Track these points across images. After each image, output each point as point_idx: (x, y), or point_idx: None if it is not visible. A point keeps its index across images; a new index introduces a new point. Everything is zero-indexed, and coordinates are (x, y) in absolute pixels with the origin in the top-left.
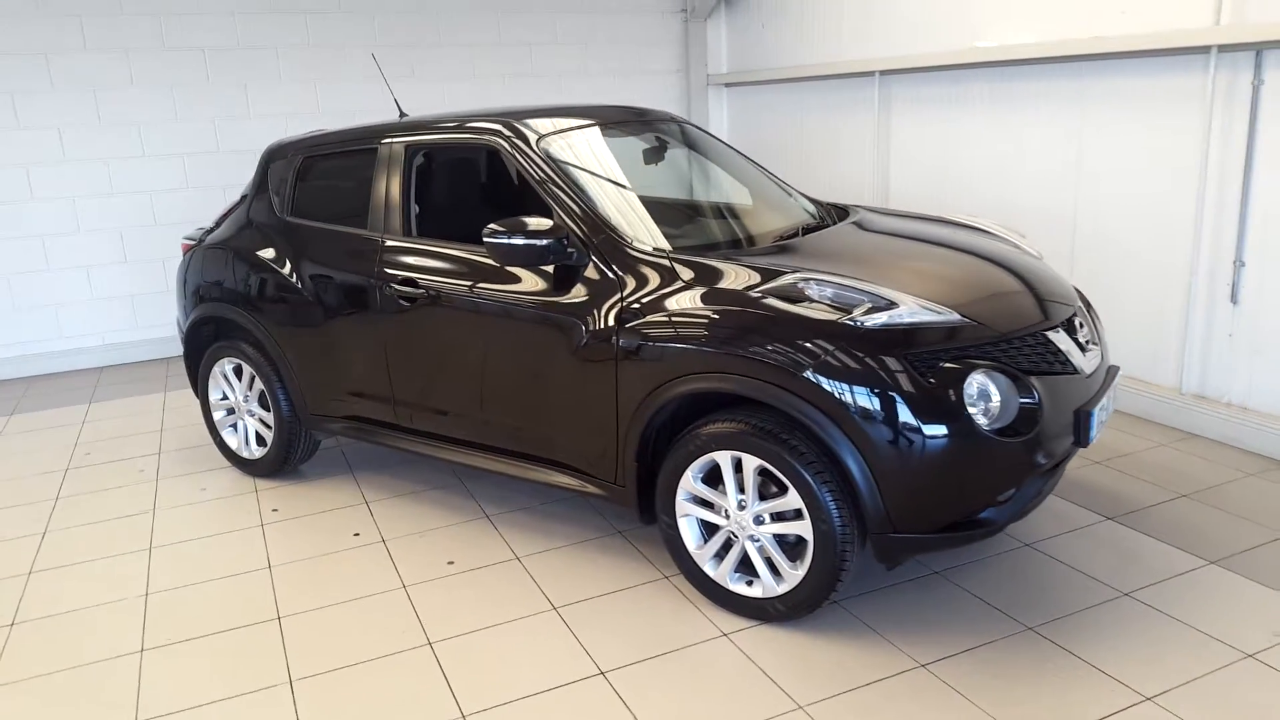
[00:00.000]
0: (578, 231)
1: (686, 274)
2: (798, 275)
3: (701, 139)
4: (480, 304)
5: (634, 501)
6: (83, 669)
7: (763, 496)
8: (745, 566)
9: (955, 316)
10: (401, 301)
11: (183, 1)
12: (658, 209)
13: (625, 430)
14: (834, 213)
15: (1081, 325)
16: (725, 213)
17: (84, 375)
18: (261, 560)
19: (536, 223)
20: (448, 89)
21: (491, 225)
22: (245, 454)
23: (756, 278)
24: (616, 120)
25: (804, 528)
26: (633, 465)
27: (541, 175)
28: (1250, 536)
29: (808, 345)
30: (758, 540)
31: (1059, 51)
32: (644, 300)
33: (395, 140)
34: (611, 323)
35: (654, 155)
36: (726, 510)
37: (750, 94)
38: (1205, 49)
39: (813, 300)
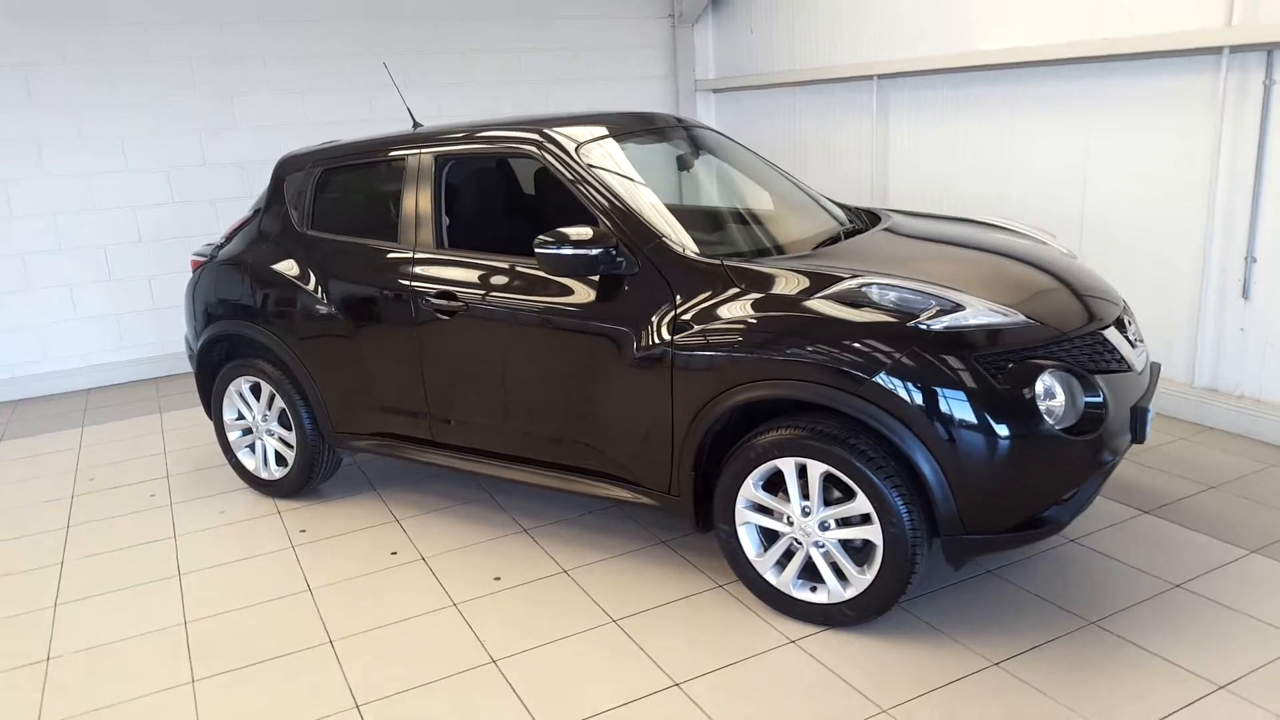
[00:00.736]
0: (627, 240)
1: (741, 281)
2: (859, 280)
3: (718, 141)
4: (523, 315)
5: (691, 511)
6: (135, 703)
7: (826, 502)
8: (807, 572)
9: (1020, 318)
10: (440, 315)
11: (168, 11)
12: (691, 215)
13: (681, 440)
14: (863, 216)
15: (1130, 323)
16: (756, 218)
17: (71, 398)
18: (299, 583)
19: (582, 232)
20: (439, 96)
21: (541, 236)
22: (264, 475)
23: (815, 283)
24: (631, 126)
25: (873, 532)
26: (689, 475)
27: (585, 183)
28: None
29: (877, 349)
30: (823, 546)
31: (1066, 54)
32: (699, 308)
33: (424, 151)
34: (665, 332)
35: (686, 161)
36: (789, 517)
37: (740, 99)
38: (1217, 50)
39: (876, 304)
